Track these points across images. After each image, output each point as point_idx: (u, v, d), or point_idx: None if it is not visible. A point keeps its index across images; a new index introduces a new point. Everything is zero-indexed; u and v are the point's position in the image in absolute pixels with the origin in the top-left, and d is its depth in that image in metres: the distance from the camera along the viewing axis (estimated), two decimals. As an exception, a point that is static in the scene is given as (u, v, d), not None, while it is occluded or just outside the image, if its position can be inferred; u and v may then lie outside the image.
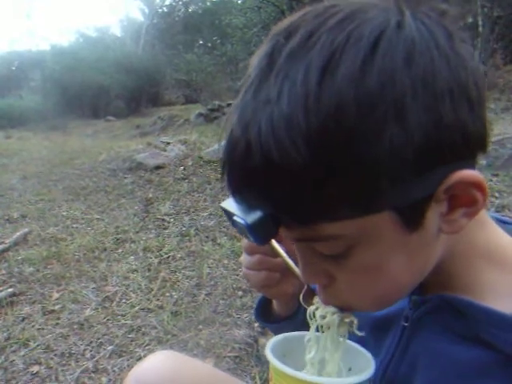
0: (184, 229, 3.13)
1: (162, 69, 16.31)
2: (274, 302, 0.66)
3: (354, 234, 0.36)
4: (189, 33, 19.45)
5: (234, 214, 0.39)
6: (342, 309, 0.44)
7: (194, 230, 3.10)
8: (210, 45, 18.28)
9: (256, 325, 1.82)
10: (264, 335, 1.72)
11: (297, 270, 0.53)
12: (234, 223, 0.40)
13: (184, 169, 4.45)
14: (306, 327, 0.48)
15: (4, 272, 2.47)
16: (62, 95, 15.44)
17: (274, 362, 0.41)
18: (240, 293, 2.23)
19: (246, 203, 0.37)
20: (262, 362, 1.67)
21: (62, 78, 15.42)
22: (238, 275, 2.43)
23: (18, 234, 2.93)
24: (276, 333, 0.70)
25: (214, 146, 5.07)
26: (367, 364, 0.43)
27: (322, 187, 0.33)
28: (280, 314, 0.65)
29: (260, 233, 0.38)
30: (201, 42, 20.07)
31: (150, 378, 0.68)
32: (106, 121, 12.58)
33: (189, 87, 15.37)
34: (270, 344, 0.45)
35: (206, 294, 2.24)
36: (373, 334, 0.51)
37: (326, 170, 0.33)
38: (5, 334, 1.89)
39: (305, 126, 0.32)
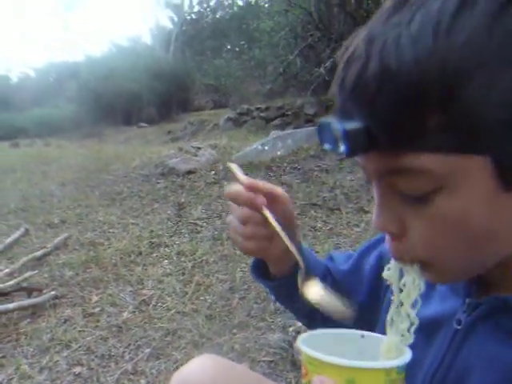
0: (216, 233, 3.16)
1: (191, 75, 16.59)
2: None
3: (442, 173, 0.36)
4: (217, 38, 19.70)
5: (330, 122, 0.39)
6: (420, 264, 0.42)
7: (226, 234, 3.12)
8: (237, 49, 18.43)
9: (291, 329, 1.81)
10: (299, 340, 1.71)
11: (287, 241, 0.52)
12: (326, 135, 0.40)
13: (215, 173, 4.50)
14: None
15: (46, 275, 2.58)
16: (96, 103, 15.94)
17: (307, 350, 0.39)
18: (273, 297, 2.22)
19: (348, 112, 0.38)
20: (298, 367, 1.66)
21: (95, 87, 15.94)
22: (270, 279, 2.44)
23: (58, 238, 3.05)
24: (275, 293, 0.70)
25: (243, 149, 5.12)
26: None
27: (427, 109, 0.34)
28: (274, 273, 0.64)
29: (353, 142, 0.37)
30: (228, 47, 20.27)
31: (192, 382, 0.70)
32: (138, 127, 12.90)
33: (217, 92, 15.55)
34: (301, 338, 0.44)
35: (239, 298, 2.26)
36: (419, 335, 0.50)
37: (437, 93, 0.33)
38: (48, 336, 1.97)
39: (431, 47, 0.33)
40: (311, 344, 0.40)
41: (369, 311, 0.62)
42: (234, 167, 0.58)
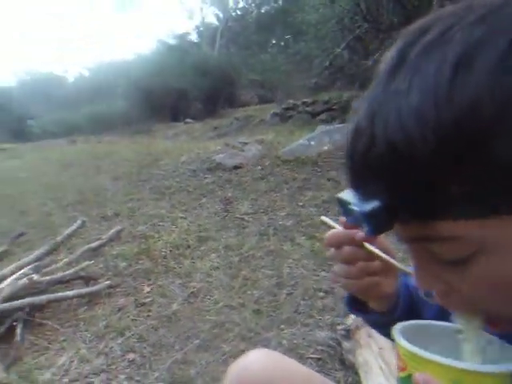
0: (263, 228, 3.17)
1: (236, 70, 16.71)
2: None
3: (476, 238, 0.34)
4: (262, 33, 19.70)
5: (349, 203, 0.39)
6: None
7: (272, 229, 3.13)
8: (283, 44, 18.33)
9: (339, 327, 1.79)
10: (348, 339, 1.68)
11: (399, 265, 0.53)
12: (348, 213, 0.40)
13: (261, 168, 4.51)
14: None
15: (101, 266, 2.70)
16: (146, 100, 16.44)
17: (411, 347, 0.39)
18: (321, 294, 2.20)
19: (365, 193, 0.37)
20: (347, 366, 1.63)
21: (145, 85, 16.44)
22: (318, 276, 2.41)
23: (112, 231, 3.18)
24: (371, 324, 0.69)
25: (290, 145, 5.09)
26: None
27: (448, 182, 0.32)
28: (373, 307, 0.63)
29: (375, 222, 0.37)
30: (274, 42, 20.20)
31: (249, 375, 0.70)
32: (185, 123, 13.19)
33: (263, 87, 15.55)
34: (397, 330, 0.44)
35: (286, 294, 2.25)
36: None
37: (453, 164, 0.32)
38: (104, 323, 2.07)
39: (435, 118, 0.31)
40: (406, 337, 0.41)
41: None
42: (327, 220, 0.59)
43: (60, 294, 2.21)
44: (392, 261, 0.53)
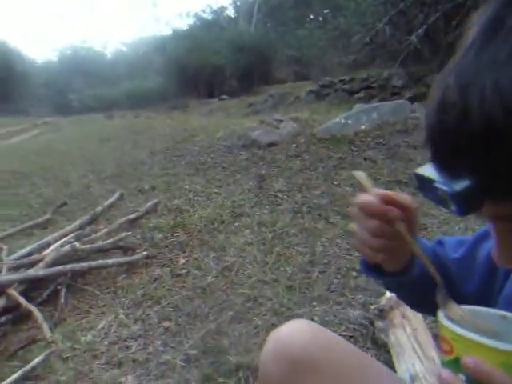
0: (296, 206, 3.15)
1: (273, 46, 16.42)
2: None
3: None
4: (300, 8, 19.18)
5: (434, 181, 0.37)
6: None
7: (306, 207, 3.11)
8: (321, 19, 17.80)
9: (372, 307, 1.78)
10: (381, 318, 1.67)
11: (425, 257, 0.52)
12: (429, 190, 0.39)
13: (296, 146, 4.47)
14: (422, 281, 0.51)
15: (139, 237, 2.79)
16: (181, 77, 16.48)
17: (459, 329, 0.38)
18: (354, 273, 2.19)
19: (453, 170, 0.35)
20: (378, 345, 1.63)
21: (181, 61, 16.47)
22: (351, 255, 2.40)
23: (148, 203, 3.26)
24: (390, 287, 0.69)
25: (326, 123, 4.99)
26: None
27: None
28: (387, 269, 0.62)
29: (466, 202, 0.36)
30: (312, 17, 19.64)
31: (289, 342, 0.71)
32: (220, 100, 13.17)
33: (299, 64, 15.24)
34: (443, 313, 0.43)
35: (319, 272, 2.25)
36: None
37: None
38: (141, 291, 2.15)
39: None
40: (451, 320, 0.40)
41: (478, 302, 0.60)
42: (361, 176, 0.57)
43: (100, 262, 2.30)
44: (418, 250, 0.52)
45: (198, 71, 15.75)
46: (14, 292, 1.93)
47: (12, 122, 13.35)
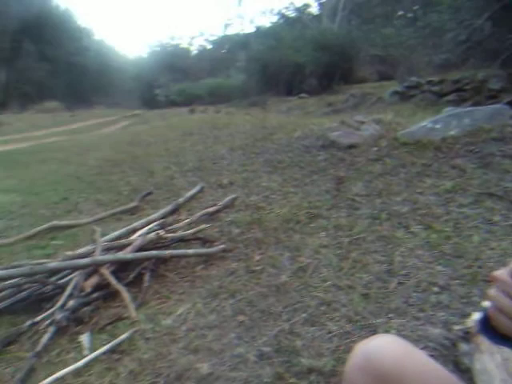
0: (375, 212, 3.05)
1: (356, 45, 15.99)
2: None
3: None
4: (388, 4, 18.43)
5: None
6: None
7: (385, 214, 3.00)
8: (411, 15, 16.93)
9: (456, 327, 1.67)
10: (466, 341, 1.57)
11: None
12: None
13: (378, 149, 4.31)
14: None
15: (217, 230, 2.89)
16: (262, 74, 16.69)
17: None
18: (436, 289, 2.07)
19: None
20: (461, 370, 1.53)
21: (263, 58, 16.68)
22: (433, 269, 2.27)
23: (227, 198, 3.36)
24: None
25: (410, 126, 4.76)
26: None
27: None
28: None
29: None
30: (400, 13, 18.76)
31: (376, 356, 0.70)
32: (299, 98, 13.15)
33: (384, 63, 14.67)
34: None
35: (397, 283, 2.16)
36: None
37: None
38: (217, 283, 2.22)
39: None
40: None
41: None
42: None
43: (181, 251, 2.42)
44: None
45: (279, 69, 15.85)
46: (105, 271, 2.11)
47: (106, 113, 14.55)
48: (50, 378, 1.52)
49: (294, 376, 1.51)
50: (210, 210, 3.14)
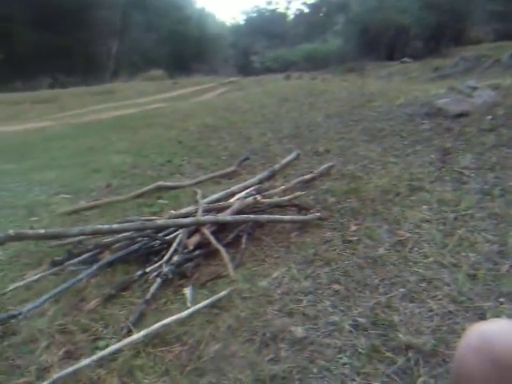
0: (486, 187, 2.77)
1: (471, 1, 14.26)
2: None
3: None
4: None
5: None
6: None
7: (498, 189, 2.71)
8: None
9: None
10: None
11: None
12: None
13: (492, 118, 3.87)
14: None
15: (312, 198, 2.87)
16: (361, 38, 15.82)
17: None
18: (559, 275, 1.84)
19: None
20: None
21: (363, 20, 15.74)
22: (556, 254, 2.01)
23: (323, 166, 3.31)
24: None
25: (536, 92, 4.18)
26: None
27: None
28: None
29: None
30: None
31: (498, 344, 0.65)
32: (401, 62, 12.25)
33: (504, 20, 12.95)
34: None
35: (510, 266, 1.96)
36: None
37: None
38: (312, 251, 2.22)
39: None
40: None
41: None
42: None
43: (277, 217, 2.46)
44: None
45: (380, 32, 14.88)
46: (206, 231, 2.23)
47: (204, 81, 15.06)
48: (157, 324, 1.67)
49: (391, 350, 1.47)
50: (306, 177, 3.12)
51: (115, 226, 2.16)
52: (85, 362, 1.51)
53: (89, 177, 4.07)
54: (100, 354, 1.54)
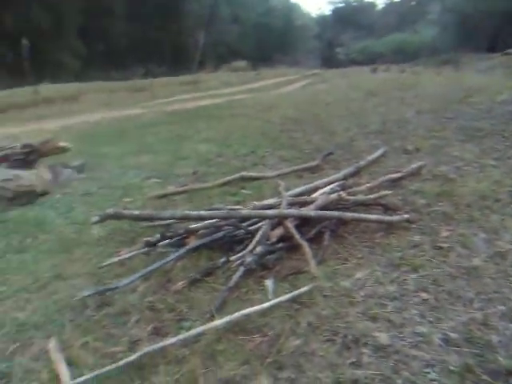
0: None
1: None
2: None
3: None
4: None
5: None
6: None
7: None
8: None
9: None
10: None
11: None
12: None
13: None
14: None
15: (399, 198, 2.73)
16: (459, 27, 14.68)
17: None
18: None
19: None
20: None
21: (461, 9, 14.55)
22: None
23: (412, 165, 3.12)
24: None
25: None
26: None
27: None
28: None
29: None
30: None
31: None
32: (504, 54, 11.15)
33: None
34: None
35: None
36: None
37: None
38: (398, 254, 2.11)
39: None
40: None
41: None
42: None
43: (363, 216, 2.37)
44: None
45: (481, 21, 13.65)
46: (289, 225, 2.22)
47: (287, 72, 15.00)
48: (239, 313, 1.70)
49: (488, 374, 1.35)
50: (393, 176, 2.98)
51: (203, 212, 2.24)
52: (171, 340, 1.58)
53: (177, 163, 4.27)
54: (185, 334, 1.61)
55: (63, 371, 1.51)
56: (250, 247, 2.11)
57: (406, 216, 2.39)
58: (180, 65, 25.09)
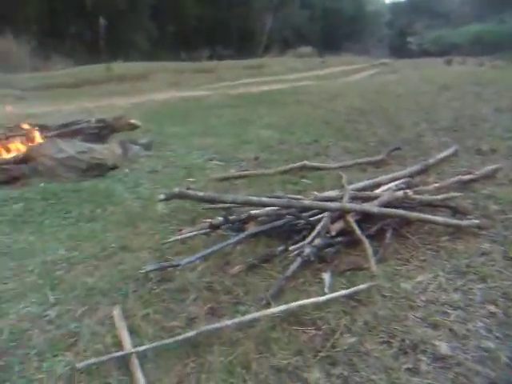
0: None
1: None
2: None
3: None
4: None
5: None
6: None
7: None
8: None
9: None
10: None
11: None
12: None
13: None
14: None
15: (470, 201, 2.58)
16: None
17: None
18: None
19: None
20: None
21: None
22: None
23: (487, 168, 2.93)
24: None
25: None
26: None
27: None
28: None
29: None
30: None
31: None
32: None
33: None
34: None
35: None
36: None
37: None
38: (465, 261, 2.00)
39: None
40: None
41: None
42: None
43: (430, 217, 2.26)
44: None
45: None
46: (351, 219, 2.18)
47: (354, 61, 14.56)
48: (295, 303, 1.70)
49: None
50: (464, 177, 2.81)
51: (264, 199, 2.25)
52: (227, 322, 1.62)
53: (240, 147, 4.32)
54: (241, 318, 1.64)
55: (126, 339, 1.60)
56: (310, 239, 2.10)
57: (476, 221, 2.26)
58: (246, 48, 25.16)
